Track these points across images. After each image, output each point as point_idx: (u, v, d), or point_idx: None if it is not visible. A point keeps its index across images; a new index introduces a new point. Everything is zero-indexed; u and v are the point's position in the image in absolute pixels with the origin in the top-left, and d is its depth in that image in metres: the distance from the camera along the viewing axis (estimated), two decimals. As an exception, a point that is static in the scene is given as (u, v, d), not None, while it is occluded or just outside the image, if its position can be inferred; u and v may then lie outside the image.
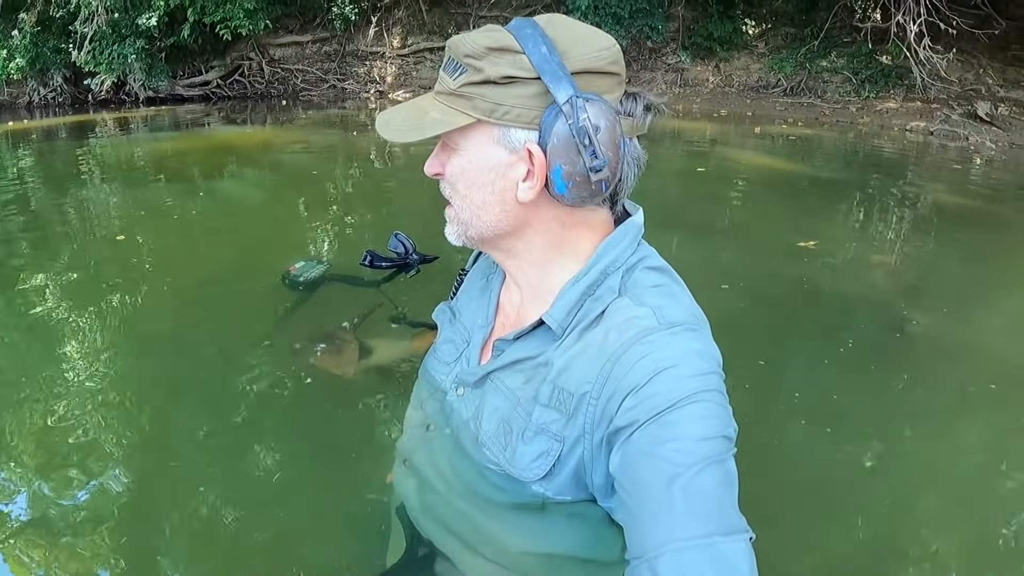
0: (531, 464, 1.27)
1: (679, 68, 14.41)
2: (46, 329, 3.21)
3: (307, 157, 8.19)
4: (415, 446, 1.55)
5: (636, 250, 1.32)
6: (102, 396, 2.57)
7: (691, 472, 1.04)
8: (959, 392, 2.98)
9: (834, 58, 13.51)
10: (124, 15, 13.46)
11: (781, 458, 2.40)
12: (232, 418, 2.45)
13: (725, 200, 6.35)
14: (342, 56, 15.42)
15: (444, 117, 1.21)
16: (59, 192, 6.42)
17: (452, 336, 1.57)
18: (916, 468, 2.46)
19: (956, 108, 11.84)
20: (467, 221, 1.30)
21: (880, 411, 2.78)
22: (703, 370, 1.14)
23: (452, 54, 1.21)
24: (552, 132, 1.15)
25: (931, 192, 7.17)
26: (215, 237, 4.96)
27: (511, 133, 1.20)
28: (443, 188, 1.33)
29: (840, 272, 4.35)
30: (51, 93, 15.31)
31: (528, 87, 1.16)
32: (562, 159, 1.17)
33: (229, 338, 3.06)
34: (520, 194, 1.23)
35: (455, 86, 1.20)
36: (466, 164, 1.25)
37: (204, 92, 15.02)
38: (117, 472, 2.15)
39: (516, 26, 1.18)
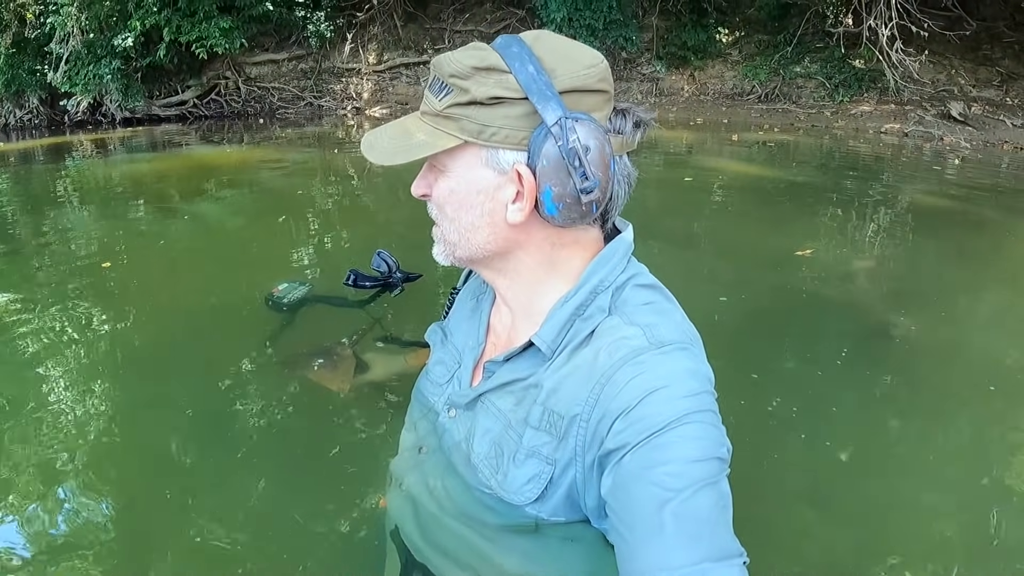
0: (522, 487, 1.26)
1: (654, 78, 14.50)
2: (29, 356, 3.18)
3: (285, 176, 8.18)
4: (408, 468, 1.52)
5: (626, 268, 1.30)
6: (90, 423, 2.56)
7: (683, 496, 1.03)
8: (954, 394, 3.00)
9: (807, 64, 13.64)
10: (100, 36, 13.42)
11: (778, 468, 2.40)
12: (220, 442, 2.44)
13: (703, 208, 6.35)
14: (318, 73, 15.41)
15: (430, 139, 1.18)
16: (38, 216, 6.37)
17: (444, 357, 1.55)
18: (915, 473, 2.46)
19: (930, 109, 12.00)
20: (455, 242, 1.28)
21: (876, 416, 2.79)
22: (694, 390, 1.12)
23: (437, 74, 1.18)
24: (541, 153, 1.13)
25: (909, 193, 7.23)
26: (196, 260, 4.93)
27: (499, 155, 1.17)
28: (430, 209, 1.31)
29: (826, 277, 4.34)
30: (27, 115, 15.23)
31: (516, 107, 1.14)
32: (552, 181, 1.14)
33: (215, 363, 3.04)
34: (509, 216, 1.21)
35: (441, 107, 1.17)
36: (454, 186, 1.22)
37: (181, 112, 14.97)
38: (108, 496, 2.14)
39: (502, 44, 1.16)
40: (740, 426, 2.60)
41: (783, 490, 2.31)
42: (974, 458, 2.57)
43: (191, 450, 2.42)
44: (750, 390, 2.89)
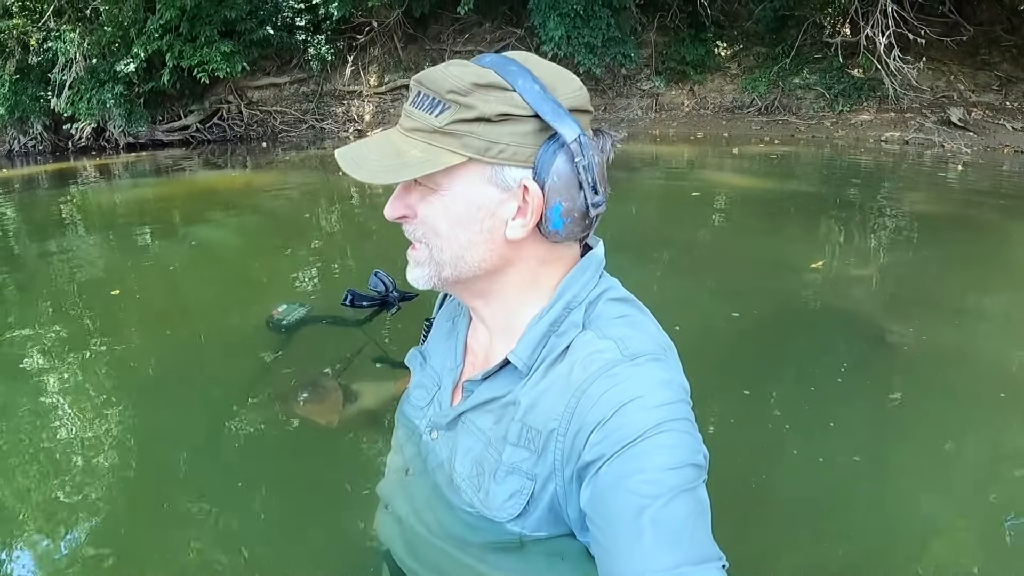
0: (504, 504, 1.26)
1: (654, 93, 14.52)
2: (30, 378, 3.23)
3: (288, 199, 8.22)
4: (395, 490, 1.54)
5: (599, 282, 1.30)
6: (83, 452, 2.58)
7: (660, 503, 1.03)
8: (964, 401, 2.99)
9: (806, 75, 13.65)
10: (102, 61, 13.52)
11: (788, 478, 2.40)
12: (217, 468, 2.47)
13: (707, 222, 6.37)
14: (320, 96, 15.49)
15: (430, 157, 1.15)
16: (43, 242, 6.44)
17: (423, 380, 1.54)
18: (925, 482, 2.46)
19: (930, 116, 12.00)
20: (445, 262, 1.25)
21: (886, 426, 2.79)
22: (668, 399, 1.13)
23: (430, 89, 1.16)
24: (551, 170, 1.15)
25: (911, 201, 7.25)
26: (201, 285, 4.99)
27: (505, 172, 1.17)
28: (411, 230, 1.27)
29: (831, 288, 4.37)
30: (31, 141, 15.32)
31: (523, 124, 1.15)
32: (562, 196, 1.17)
33: (213, 386, 3.09)
34: (509, 232, 1.21)
35: (441, 123, 1.14)
36: (450, 203, 1.20)
37: (184, 136, 15.07)
38: (100, 524, 2.17)
39: (496, 63, 1.16)
40: (745, 439, 2.63)
41: (791, 501, 2.31)
42: (985, 467, 2.56)
43: (188, 474, 2.44)
44: (754, 403, 2.90)
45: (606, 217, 1.27)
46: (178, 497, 2.32)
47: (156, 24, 12.99)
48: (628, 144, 11.88)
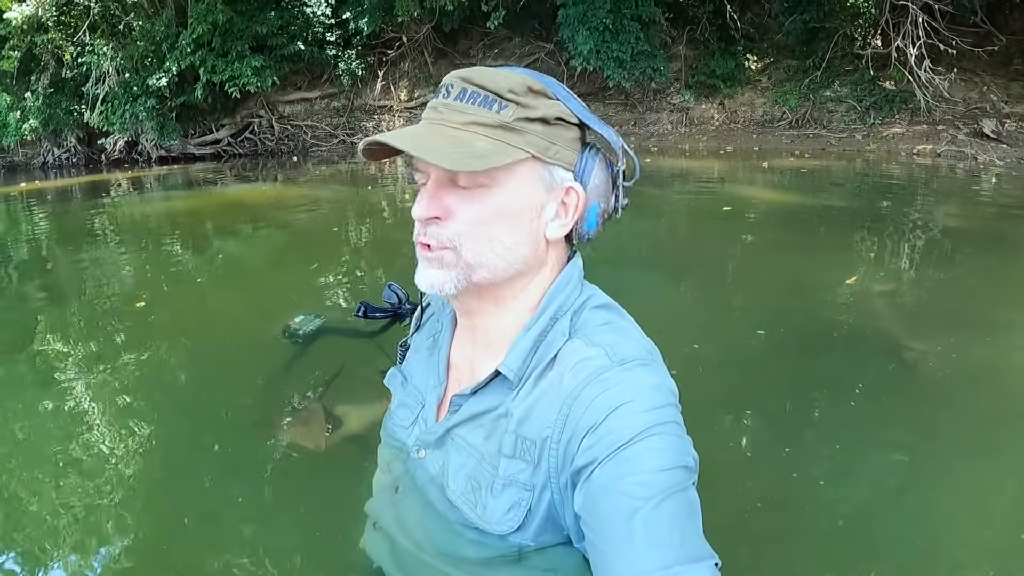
0: (504, 517, 1.25)
1: (684, 107, 14.48)
2: (45, 386, 3.29)
3: (317, 212, 8.26)
4: (384, 508, 1.52)
5: (581, 291, 1.33)
6: (96, 457, 2.61)
7: (651, 504, 1.05)
8: (992, 422, 2.92)
9: (837, 87, 13.54)
10: (135, 75, 13.68)
11: (806, 502, 2.36)
12: (207, 484, 2.47)
13: (736, 238, 6.29)
14: (350, 111, 15.61)
15: (499, 149, 1.16)
16: (74, 252, 6.54)
17: (406, 399, 1.53)
18: (954, 499, 2.42)
19: (962, 128, 11.82)
20: (484, 264, 1.23)
21: (916, 446, 2.74)
22: (658, 403, 1.15)
23: (483, 88, 1.18)
24: (593, 173, 1.24)
25: (944, 215, 7.14)
26: (223, 295, 5.05)
27: (555, 172, 1.22)
28: (438, 232, 1.23)
29: (862, 304, 4.29)
30: (65, 153, 15.57)
31: (570, 131, 1.23)
32: (601, 198, 1.27)
33: (216, 398, 3.11)
34: (550, 232, 1.25)
35: (508, 118, 1.17)
36: (505, 203, 1.21)
37: (215, 150, 15.25)
38: (93, 540, 2.17)
39: (534, 75, 1.22)
40: (767, 457, 2.60)
41: (814, 522, 2.28)
42: (1016, 490, 2.50)
43: (179, 489, 2.44)
44: (778, 421, 2.87)
45: (636, 232, 1.28)
46: (169, 513, 2.31)
47: (188, 39, 13.16)
48: (658, 159, 11.88)
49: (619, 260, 5.53)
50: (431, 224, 1.23)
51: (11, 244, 7.35)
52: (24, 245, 7.24)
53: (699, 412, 2.78)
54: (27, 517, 2.33)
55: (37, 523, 2.29)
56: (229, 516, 2.30)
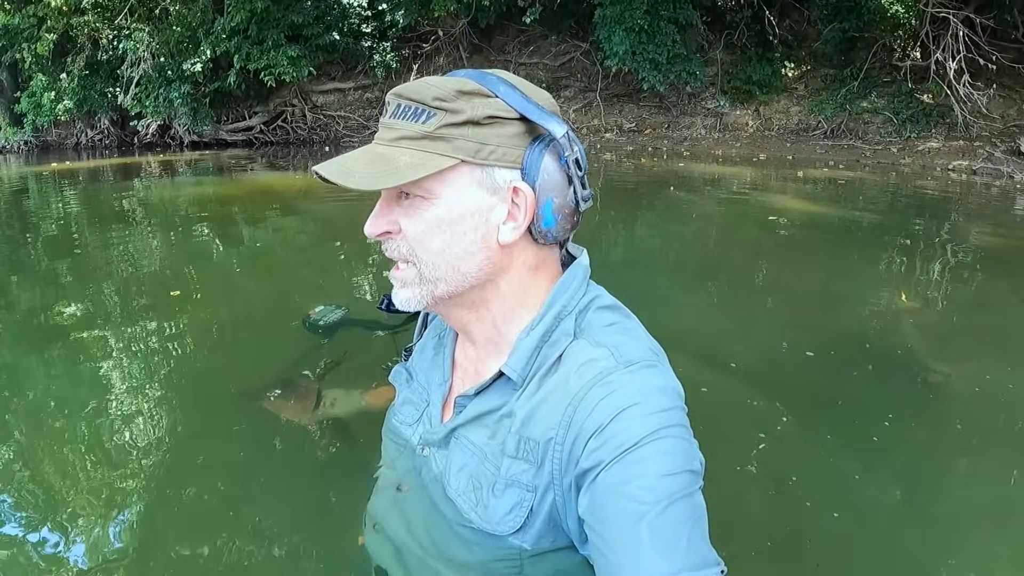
0: (505, 517, 1.25)
1: (718, 112, 14.38)
2: (80, 368, 3.26)
3: (347, 202, 8.23)
4: (386, 508, 1.52)
5: (587, 291, 1.32)
6: (108, 443, 2.56)
7: (657, 509, 1.04)
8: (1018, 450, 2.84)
9: (874, 98, 13.39)
10: (170, 60, 13.77)
11: (828, 526, 2.31)
12: (197, 465, 2.44)
13: (765, 247, 6.25)
14: (384, 103, 15.51)
15: (422, 161, 1.16)
16: (104, 233, 6.57)
17: (411, 397, 1.55)
18: (973, 535, 2.32)
19: (999, 145, 11.60)
20: (440, 277, 1.25)
21: (943, 471, 2.67)
22: (665, 406, 1.15)
23: (414, 99, 1.18)
24: (540, 168, 1.20)
25: (978, 234, 7.00)
26: (249, 281, 5.05)
27: (495, 173, 1.20)
28: (395, 248, 1.27)
29: (892, 323, 4.21)
30: (98, 135, 15.69)
31: (509, 127, 1.19)
32: (554, 192, 1.21)
33: (227, 382, 3.09)
34: (502, 236, 1.23)
35: (431, 128, 1.16)
36: (444, 213, 1.21)
37: (248, 137, 15.30)
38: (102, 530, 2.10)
39: (473, 74, 1.21)
40: (787, 478, 2.55)
41: (835, 545, 2.21)
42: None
43: (170, 478, 2.37)
44: (803, 438, 2.81)
45: (666, 238, 1.24)
46: (158, 500, 2.25)
47: (225, 26, 13.22)
48: (690, 163, 11.80)
49: (647, 264, 5.51)
50: (386, 240, 1.27)
51: (42, 223, 7.41)
52: (54, 224, 7.29)
53: (717, 420, 2.77)
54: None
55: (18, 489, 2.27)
56: (213, 499, 2.25)
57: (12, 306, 4.34)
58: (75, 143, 15.94)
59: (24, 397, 2.92)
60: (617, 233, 6.54)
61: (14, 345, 3.64)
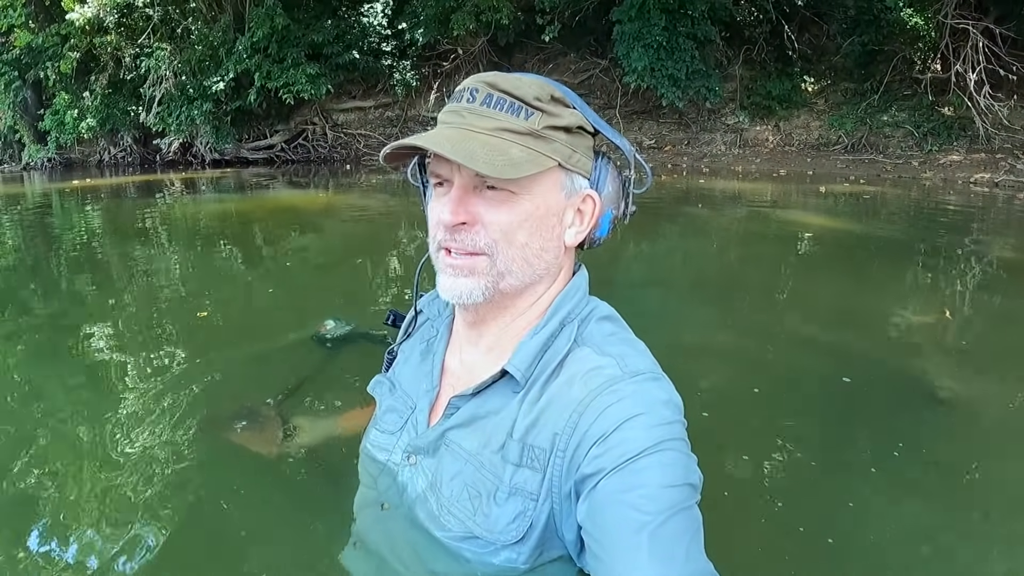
0: (508, 526, 1.24)
1: (738, 128, 14.36)
2: (96, 377, 3.33)
3: (367, 222, 8.28)
4: (369, 526, 1.50)
5: (588, 302, 1.35)
6: (107, 452, 2.58)
7: (658, 520, 1.05)
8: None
9: (895, 112, 13.31)
10: (191, 79, 13.89)
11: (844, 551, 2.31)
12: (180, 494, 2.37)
13: (785, 264, 6.23)
14: (404, 121, 15.68)
15: (532, 157, 1.18)
16: (125, 249, 6.63)
17: (395, 404, 1.52)
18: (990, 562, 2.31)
19: (1021, 157, 11.53)
20: (512, 271, 1.24)
21: (959, 490, 2.60)
22: (668, 419, 1.17)
23: (513, 94, 1.19)
24: (606, 181, 1.28)
25: (1001, 248, 6.91)
26: (267, 297, 5.10)
27: (575, 180, 1.25)
28: (470, 239, 1.23)
29: (912, 340, 4.18)
30: (120, 152, 15.90)
31: (586, 139, 1.26)
32: (613, 205, 1.31)
33: (230, 399, 3.07)
34: (568, 238, 1.28)
35: (536, 126, 1.18)
36: (532, 209, 1.21)
37: (268, 155, 15.43)
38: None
39: (553, 84, 1.24)
40: (804, 496, 2.53)
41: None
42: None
43: (153, 493, 2.35)
44: (817, 457, 2.77)
45: (686, 256, 1.25)
46: (131, 516, 2.22)
47: (246, 43, 13.32)
48: (710, 180, 11.79)
49: (668, 281, 5.49)
50: (460, 231, 1.23)
51: (65, 238, 7.47)
52: (77, 240, 7.34)
53: (724, 435, 2.76)
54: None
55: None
56: (189, 523, 2.21)
57: (29, 318, 4.39)
58: (98, 160, 16.13)
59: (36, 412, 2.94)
60: (638, 250, 6.55)
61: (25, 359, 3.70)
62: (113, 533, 2.14)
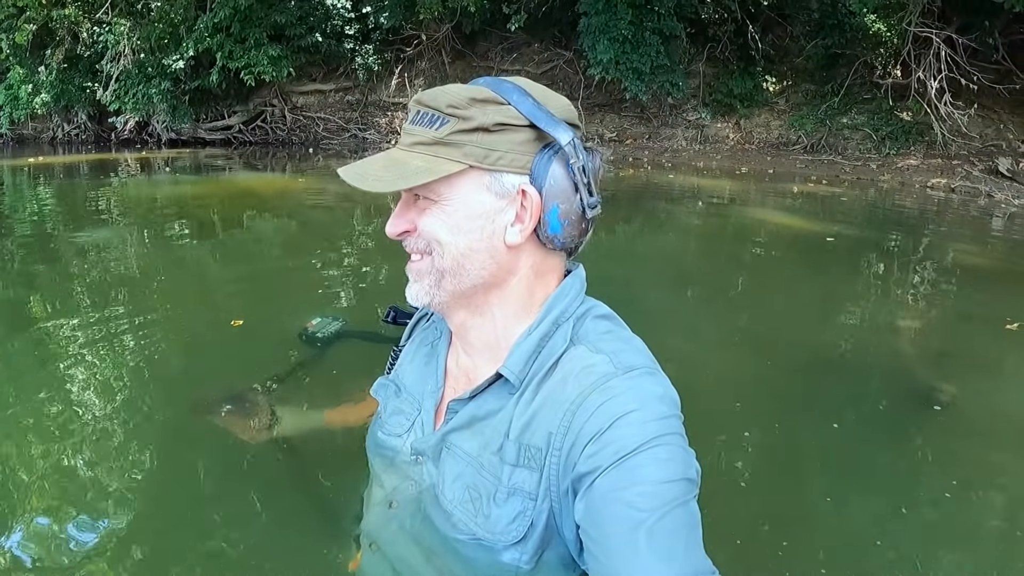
0: (508, 527, 1.25)
1: (699, 124, 14.45)
2: (50, 369, 3.24)
3: (326, 207, 8.21)
4: (380, 525, 1.51)
5: (583, 301, 1.34)
6: (82, 450, 2.54)
7: (655, 517, 1.05)
8: (996, 467, 2.84)
9: (854, 115, 13.47)
10: (150, 56, 13.67)
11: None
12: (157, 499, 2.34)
13: (744, 260, 6.29)
14: (364, 106, 15.58)
15: (431, 165, 1.19)
16: (77, 232, 6.51)
17: (401, 407, 1.52)
18: (949, 549, 2.34)
19: (977, 164, 11.71)
20: (447, 271, 1.27)
21: (911, 488, 2.66)
22: (663, 414, 1.16)
23: (429, 106, 1.22)
24: (548, 174, 1.22)
25: (955, 251, 7.04)
26: (233, 287, 4.96)
27: (503, 178, 1.22)
28: (412, 244, 1.30)
29: (865, 337, 4.24)
30: (75, 130, 15.63)
31: (519, 134, 1.21)
32: (560, 198, 1.23)
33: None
34: (509, 237, 1.25)
35: (442, 134, 1.19)
36: (450, 212, 1.23)
37: (226, 136, 15.26)
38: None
39: (489, 82, 1.24)
40: (768, 493, 2.53)
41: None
42: (1013, 540, 2.40)
43: (150, 491, 2.34)
44: (776, 453, 2.81)
45: (646, 249, 1.23)
46: (137, 513, 2.21)
47: (208, 23, 13.13)
48: (671, 175, 11.84)
49: (627, 278, 5.46)
50: (406, 238, 1.30)
51: (16, 218, 7.33)
52: (28, 221, 7.22)
53: (699, 445, 2.77)
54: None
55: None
56: (177, 520, 2.21)
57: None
58: (51, 137, 15.87)
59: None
60: (594, 244, 6.44)
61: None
62: (88, 518, 2.14)
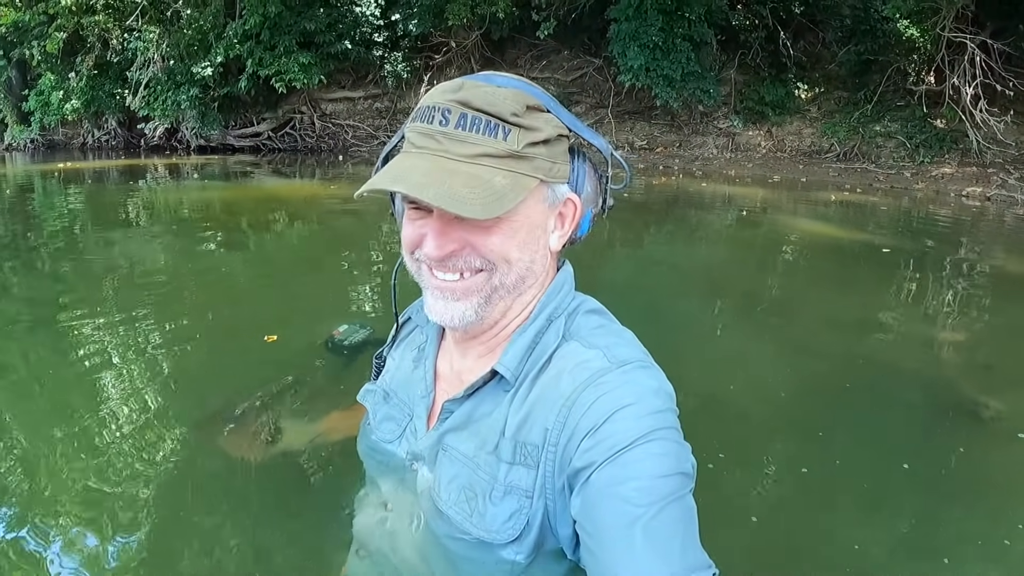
0: (504, 525, 1.22)
1: (731, 132, 14.36)
2: (72, 371, 3.23)
3: (354, 213, 8.17)
4: (372, 529, 1.46)
5: (574, 297, 1.34)
6: (102, 452, 2.51)
7: (651, 512, 1.04)
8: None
9: (888, 122, 13.33)
10: (180, 63, 13.77)
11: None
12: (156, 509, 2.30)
13: (776, 270, 6.21)
14: (393, 113, 15.60)
15: (515, 183, 1.13)
16: (107, 236, 6.51)
17: (392, 413, 1.49)
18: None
19: (1013, 172, 11.51)
20: (505, 284, 1.22)
21: (950, 503, 2.57)
22: (658, 408, 1.14)
23: (488, 112, 1.12)
24: (585, 181, 1.25)
25: (991, 261, 6.92)
26: (260, 294, 4.91)
27: (556, 189, 1.22)
28: (463, 262, 1.19)
29: (901, 349, 4.14)
30: (105, 136, 15.76)
31: (563, 144, 1.21)
32: (592, 203, 1.28)
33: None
34: (553, 243, 1.26)
35: (519, 147, 1.13)
36: (518, 228, 1.18)
37: (255, 143, 15.33)
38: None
39: (523, 86, 1.19)
40: (799, 501, 2.45)
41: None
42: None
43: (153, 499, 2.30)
44: (811, 463, 2.73)
45: (674, 258, 1.15)
46: (143, 526, 2.17)
47: (238, 30, 13.21)
48: (702, 183, 11.78)
49: (656, 288, 5.39)
50: (452, 258, 1.19)
51: (46, 222, 7.35)
52: (58, 223, 7.24)
53: (735, 457, 2.68)
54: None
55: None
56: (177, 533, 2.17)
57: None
58: (81, 143, 16.01)
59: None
60: (626, 254, 6.46)
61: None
62: (96, 532, 2.10)
